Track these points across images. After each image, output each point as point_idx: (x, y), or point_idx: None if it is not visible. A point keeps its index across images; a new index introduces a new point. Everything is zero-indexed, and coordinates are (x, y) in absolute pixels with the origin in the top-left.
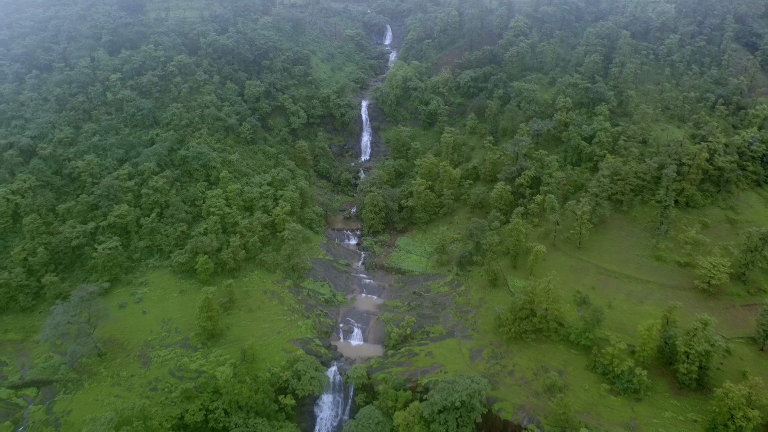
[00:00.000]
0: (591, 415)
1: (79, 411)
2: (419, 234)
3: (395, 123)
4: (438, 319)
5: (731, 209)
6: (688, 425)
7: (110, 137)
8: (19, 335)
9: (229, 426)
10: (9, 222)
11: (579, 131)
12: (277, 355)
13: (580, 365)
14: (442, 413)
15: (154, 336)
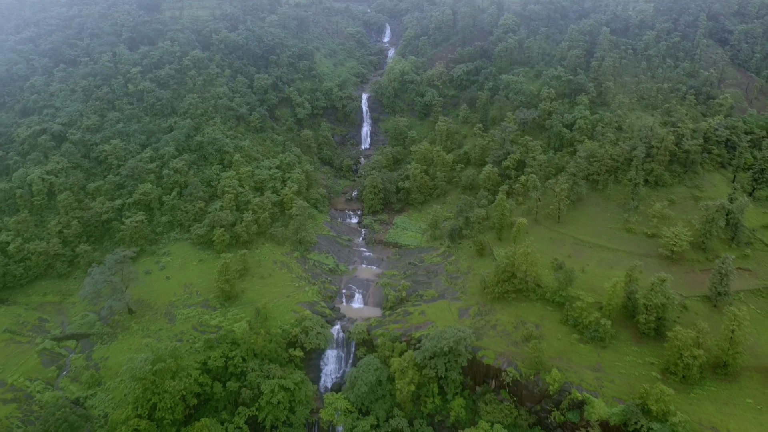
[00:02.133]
0: (562, 359)
1: (116, 357)
2: (415, 213)
3: (393, 114)
4: (430, 284)
5: (696, 188)
6: (646, 367)
7: (133, 124)
8: (57, 297)
9: (246, 370)
10: (45, 199)
11: (561, 119)
12: (286, 315)
13: (555, 319)
14: (433, 359)
15: (177, 297)
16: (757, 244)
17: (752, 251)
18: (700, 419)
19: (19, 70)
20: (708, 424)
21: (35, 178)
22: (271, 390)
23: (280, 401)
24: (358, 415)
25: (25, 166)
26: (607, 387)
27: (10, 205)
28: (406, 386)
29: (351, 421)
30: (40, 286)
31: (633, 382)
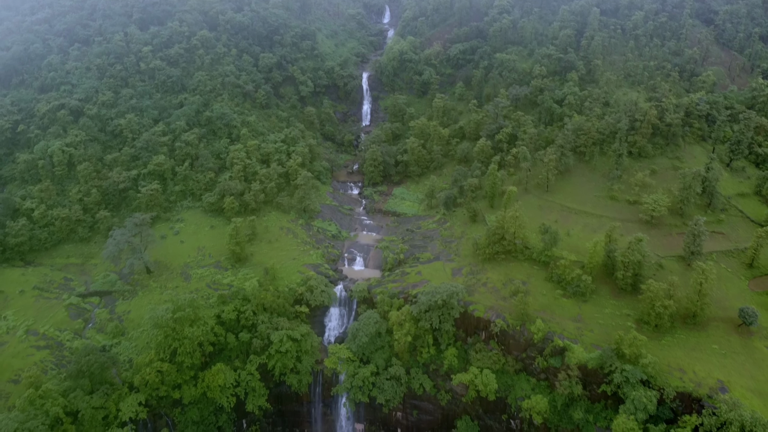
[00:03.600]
0: (546, 312)
1: (137, 311)
2: (413, 185)
3: (392, 92)
4: (426, 248)
5: (677, 159)
6: (623, 318)
7: (145, 100)
8: (80, 260)
9: (257, 323)
10: (65, 169)
11: (552, 95)
12: (293, 275)
13: (540, 277)
14: (428, 312)
15: (191, 259)
16: (731, 210)
17: (726, 217)
18: (669, 362)
19: (36, 50)
20: (676, 366)
21: (56, 150)
22: (280, 340)
23: (288, 350)
24: (359, 363)
25: (46, 139)
26: (586, 335)
27: (32, 175)
28: (404, 337)
29: (353, 369)
30: (64, 249)
31: (610, 331)
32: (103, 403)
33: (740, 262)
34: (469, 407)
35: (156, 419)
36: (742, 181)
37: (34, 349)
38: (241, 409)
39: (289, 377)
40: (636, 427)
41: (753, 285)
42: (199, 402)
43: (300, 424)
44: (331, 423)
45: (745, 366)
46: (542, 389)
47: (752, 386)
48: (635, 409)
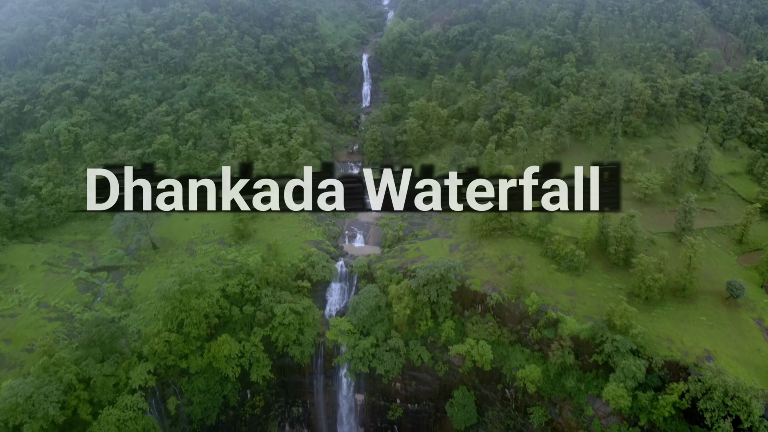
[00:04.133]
0: (541, 286)
1: (144, 285)
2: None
3: (392, 73)
4: (425, 225)
5: (671, 138)
6: (614, 291)
7: (149, 81)
8: (87, 236)
9: (260, 296)
10: (71, 148)
11: (549, 76)
12: (295, 252)
13: (535, 253)
14: (426, 286)
15: (196, 236)
16: (723, 188)
17: (718, 195)
18: (658, 333)
19: (40, 31)
20: (665, 336)
21: (62, 130)
22: (283, 312)
23: (290, 323)
24: (359, 336)
25: (52, 119)
26: (579, 308)
27: (39, 154)
28: (402, 310)
29: (353, 341)
30: (71, 226)
31: (602, 304)
32: (113, 371)
33: (730, 238)
34: (465, 378)
35: (164, 387)
36: (735, 161)
37: (46, 321)
38: (245, 379)
39: (291, 348)
40: (625, 394)
41: (742, 260)
42: (206, 371)
43: (302, 395)
44: (332, 394)
45: (731, 336)
46: (536, 359)
47: (737, 355)
48: (625, 377)
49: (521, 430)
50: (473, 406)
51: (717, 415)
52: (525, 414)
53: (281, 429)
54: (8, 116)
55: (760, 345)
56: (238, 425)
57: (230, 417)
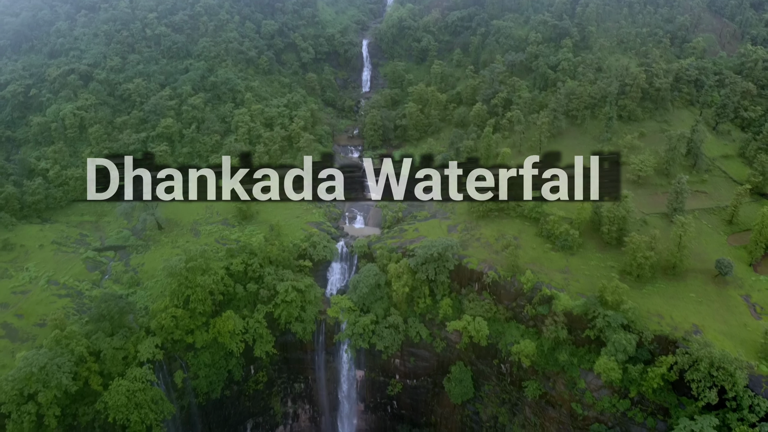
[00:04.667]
0: (535, 264)
1: (150, 263)
2: (411, 148)
3: (392, 59)
4: (423, 207)
5: (665, 122)
6: (607, 269)
7: (152, 66)
8: (93, 217)
9: (263, 275)
10: (77, 132)
11: (546, 61)
12: (297, 232)
13: (531, 233)
14: (424, 264)
15: (200, 217)
16: (715, 171)
17: (710, 177)
18: (649, 309)
19: (44, 16)
20: (655, 312)
21: (67, 113)
22: (285, 290)
23: (293, 300)
24: (359, 313)
25: (57, 103)
26: (572, 285)
27: (45, 137)
28: (401, 288)
29: (354, 318)
30: (78, 207)
31: (595, 281)
32: (122, 345)
33: (721, 218)
34: (462, 354)
35: (171, 361)
36: (727, 144)
37: (56, 297)
38: (249, 355)
39: (294, 325)
40: (616, 367)
41: (732, 240)
42: (211, 347)
43: (304, 371)
44: (333, 370)
45: (719, 312)
46: (531, 335)
47: (724, 330)
48: (616, 351)
49: (516, 403)
50: (470, 381)
51: (703, 385)
52: (520, 388)
53: (284, 404)
54: (14, 100)
55: (747, 320)
56: (242, 400)
57: (234, 392)
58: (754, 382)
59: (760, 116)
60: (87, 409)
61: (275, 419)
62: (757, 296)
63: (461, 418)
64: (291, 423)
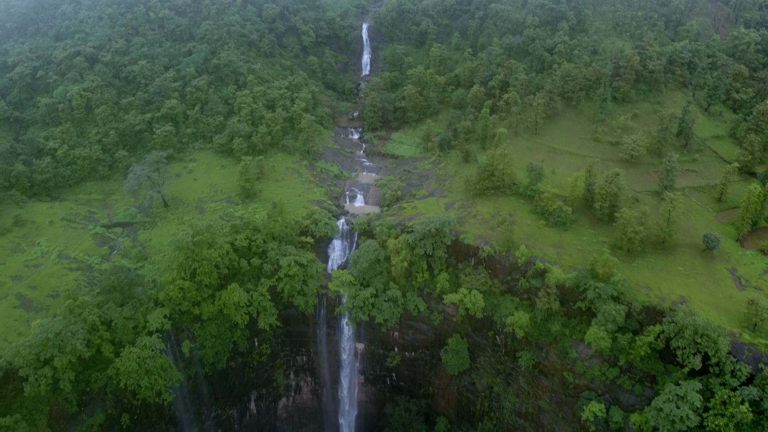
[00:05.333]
0: (530, 240)
1: (157, 239)
2: (410, 130)
3: (391, 42)
4: (422, 186)
5: (658, 104)
6: (599, 244)
7: (156, 48)
8: (101, 196)
9: (267, 250)
10: (84, 112)
11: (543, 44)
12: (299, 210)
13: (526, 210)
14: (422, 240)
15: (205, 195)
16: (706, 151)
17: (701, 157)
18: (638, 281)
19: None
20: (644, 284)
21: (74, 95)
22: (288, 264)
23: (295, 274)
24: (360, 287)
25: (64, 84)
26: (565, 259)
27: (53, 118)
28: (400, 263)
29: (354, 291)
30: (86, 186)
31: (586, 256)
32: (132, 315)
33: (710, 196)
34: (459, 326)
35: (178, 332)
36: (719, 125)
37: (67, 270)
38: (253, 327)
39: (296, 298)
40: (606, 336)
41: (720, 217)
42: (217, 318)
43: (306, 344)
44: (334, 343)
45: (706, 284)
46: (524, 307)
47: (710, 301)
48: (606, 321)
49: (510, 373)
50: (466, 352)
51: (688, 352)
52: (514, 358)
53: (286, 377)
54: (22, 81)
55: (732, 292)
56: (247, 371)
57: (239, 364)
58: (737, 349)
59: (752, 98)
60: (99, 375)
61: (278, 391)
62: (743, 270)
63: (458, 389)
64: (293, 395)
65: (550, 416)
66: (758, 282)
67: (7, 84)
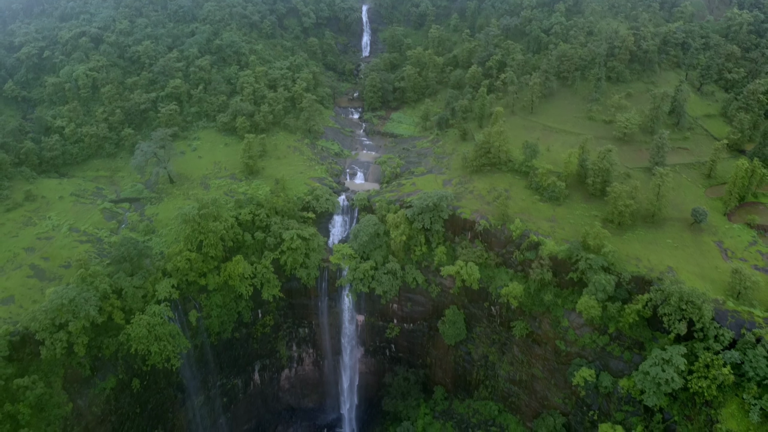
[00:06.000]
0: (524, 214)
1: (164, 213)
2: (409, 109)
3: (391, 24)
4: (420, 163)
5: (652, 83)
6: (591, 218)
7: (159, 29)
8: (108, 173)
9: (270, 224)
10: (90, 92)
11: (539, 25)
12: (300, 186)
13: (521, 186)
14: (421, 214)
15: (209, 172)
16: (697, 129)
17: (692, 134)
18: (628, 253)
19: None
20: (634, 256)
21: (80, 74)
22: (291, 238)
23: (297, 247)
24: (360, 260)
25: (70, 64)
26: (558, 232)
27: (60, 97)
28: (399, 237)
29: (355, 264)
30: (93, 163)
31: (579, 229)
32: (142, 284)
33: (700, 173)
34: (456, 298)
35: (185, 302)
36: (710, 104)
37: (78, 243)
38: (257, 299)
39: (299, 271)
40: (596, 305)
41: (709, 192)
42: (222, 289)
43: (308, 317)
44: (336, 315)
45: (693, 256)
46: (519, 279)
47: (696, 271)
48: (596, 291)
49: (505, 343)
50: (463, 323)
51: (674, 318)
52: (508, 328)
53: (289, 348)
54: (29, 62)
55: (718, 263)
56: (251, 342)
57: (243, 335)
58: (721, 315)
59: (743, 78)
60: (111, 341)
61: (281, 362)
62: (729, 242)
63: (454, 359)
64: (296, 366)
65: (543, 383)
66: (744, 254)
67: (14, 64)
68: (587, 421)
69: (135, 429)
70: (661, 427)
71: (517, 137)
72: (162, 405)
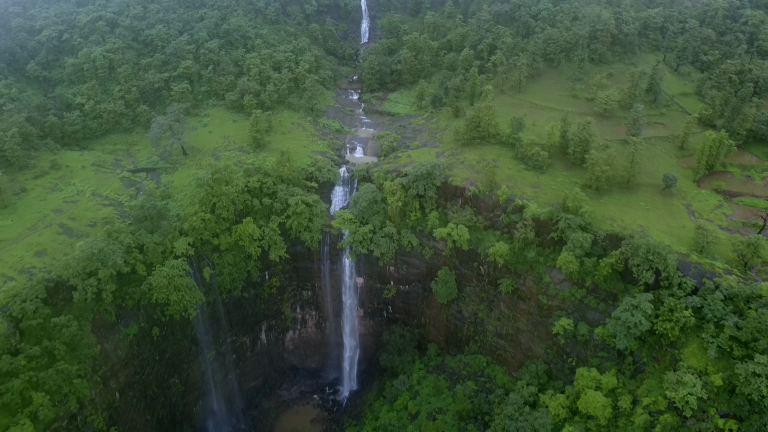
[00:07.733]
0: (510, 181)
1: (179, 181)
2: (405, 91)
3: (388, 11)
4: (416, 138)
5: (632, 64)
6: (571, 185)
7: (170, 14)
8: (125, 146)
9: (276, 191)
10: (107, 72)
11: (528, 11)
12: (304, 159)
13: (508, 156)
14: (415, 182)
15: (219, 145)
16: (673, 106)
17: (668, 111)
18: (604, 214)
19: None
20: (609, 216)
21: (98, 55)
22: (296, 203)
23: (302, 212)
24: (359, 224)
25: (88, 46)
26: (541, 197)
27: (78, 77)
28: (395, 203)
29: (354, 228)
30: (111, 138)
31: (560, 194)
32: (161, 241)
33: (674, 145)
34: (447, 260)
35: (200, 260)
36: (687, 84)
37: (101, 206)
38: (265, 260)
39: (303, 234)
40: (574, 260)
41: (681, 162)
42: (233, 249)
43: (311, 279)
44: (337, 277)
45: (663, 217)
46: (505, 239)
47: (666, 229)
48: (574, 247)
49: (493, 300)
50: (454, 283)
51: (642, 268)
52: (495, 286)
53: (293, 310)
54: (49, 44)
55: (686, 223)
56: (258, 302)
57: (251, 295)
58: (684, 267)
59: (718, 59)
60: (134, 291)
61: (286, 324)
62: (697, 205)
63: (446, 317)
64: (299, 328)
65: (527, 335)
66: (710, 215)
67: (35, 46)
68: (566, 367)
69: (154, 374)
70: (632, 368)
71: (505, 114)
72: (178, 355)
